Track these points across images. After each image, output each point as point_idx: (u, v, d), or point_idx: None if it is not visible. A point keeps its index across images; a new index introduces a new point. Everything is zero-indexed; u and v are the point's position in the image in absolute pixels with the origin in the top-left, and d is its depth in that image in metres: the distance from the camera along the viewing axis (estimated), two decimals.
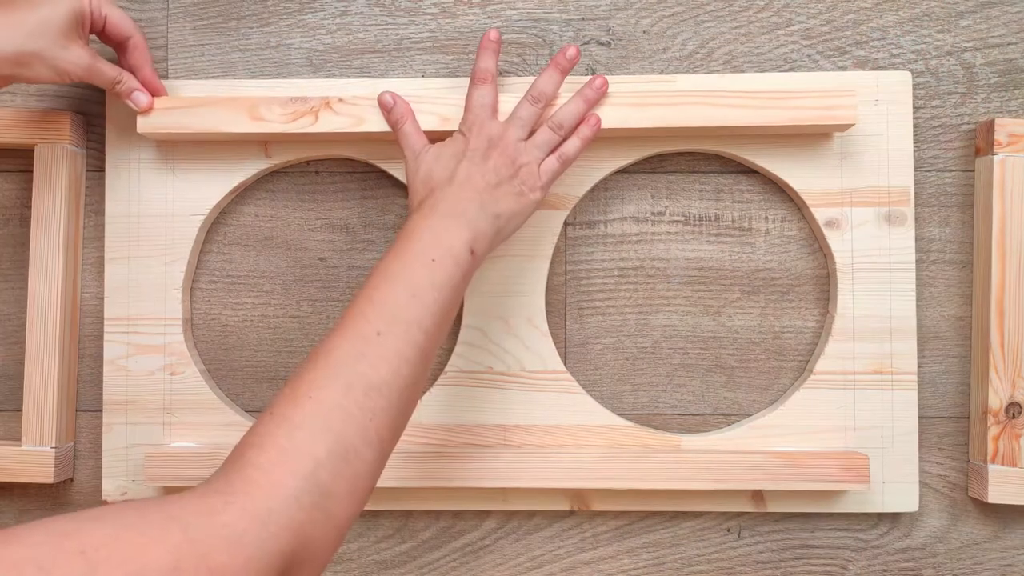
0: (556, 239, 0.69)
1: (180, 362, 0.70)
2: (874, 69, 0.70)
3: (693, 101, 0.65)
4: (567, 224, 0.71)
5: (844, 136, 0.68)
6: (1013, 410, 0.66)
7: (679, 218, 0.71)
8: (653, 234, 0.71)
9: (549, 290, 0.70)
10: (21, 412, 0.69)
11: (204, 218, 0.70)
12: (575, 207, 0.70)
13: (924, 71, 0.70)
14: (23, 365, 0.69)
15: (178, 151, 0.70)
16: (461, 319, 0.69)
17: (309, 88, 0.70)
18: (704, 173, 0.71)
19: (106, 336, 0.70)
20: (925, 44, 0.70)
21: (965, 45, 0.70)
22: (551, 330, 0.69)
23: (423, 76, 0.71)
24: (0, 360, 0.73)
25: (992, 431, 0.66)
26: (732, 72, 0.70)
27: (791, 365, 0.70)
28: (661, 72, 0.70)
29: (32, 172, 0.69)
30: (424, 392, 0.69)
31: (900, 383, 0.67)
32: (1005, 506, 0.68)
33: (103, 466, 0.70)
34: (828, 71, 0.70)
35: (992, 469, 0.66)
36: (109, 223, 0.70)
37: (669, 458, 0.66)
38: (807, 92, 0.65)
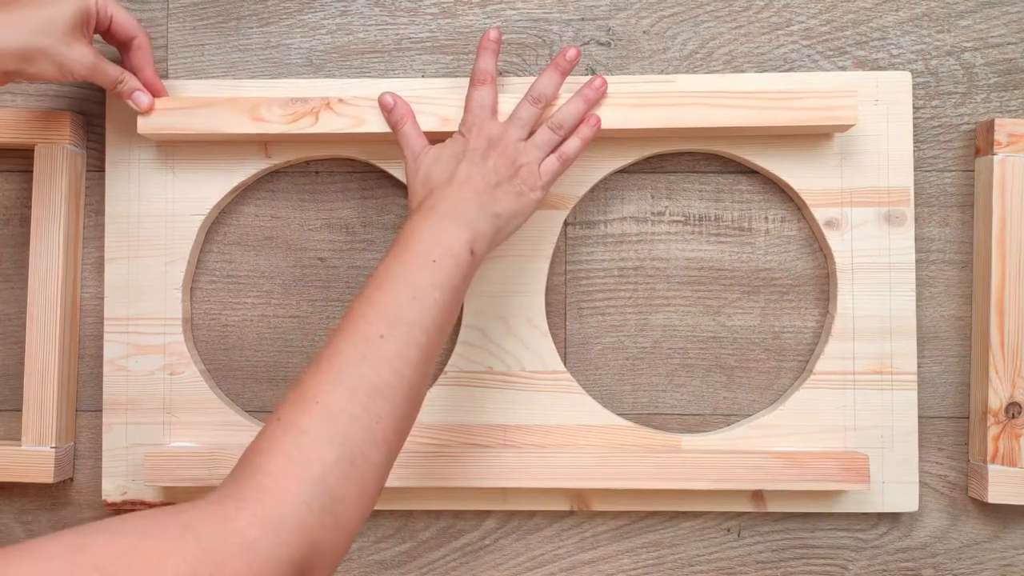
0: (556, 239, 0.69)
1: (180, 362, 0.70)
2: (874, 69, 0.70)
3: (693, 102, 0.65)
4: (567, 224, 0.71)
5: (844, 136, 0.68)
6: (1013, 410, 0.66)
7: (679, 218, 0.71)
8: (653, 234, 0.71)
9: (549, 290, 0.70)
10: (21, 412, 0.69)
11: (204, 218, 0.70)
12: (575, 207, 0.70)
13: (924, 71, 0.70)
14: (23, 365, 0.69)
15: (178, 151, 0.70)
16: (461, 319, 0.69)
17: (309, 88, 0.70)
18: (704, 173, 0.71)
19: (106, 336, 0.70)
20: (925, 44, 0.70)
21: (965, 45, 0.70)
22: (551, 330, 0.69)
23: (423, 76, 0.71)
24: (0, 360, 0.73)
25: (992, 431, 0.66)
26: (732, 72, 0.70)
27: (791, 365, 0.70)
28: (661, 72, 0.70)
29: (32, 172, 0.69)
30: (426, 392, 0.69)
31: (900, 383, 0.67)
32: (1005, 506, 0.68)
33: (103, 466, 0.70)
34: (828, 71, 0.70)
35: (992, 469, 0.66)
36: (109, 223, 0.70)
37: (669, 458, 0.66)
38: (807, 93, 0.65)
